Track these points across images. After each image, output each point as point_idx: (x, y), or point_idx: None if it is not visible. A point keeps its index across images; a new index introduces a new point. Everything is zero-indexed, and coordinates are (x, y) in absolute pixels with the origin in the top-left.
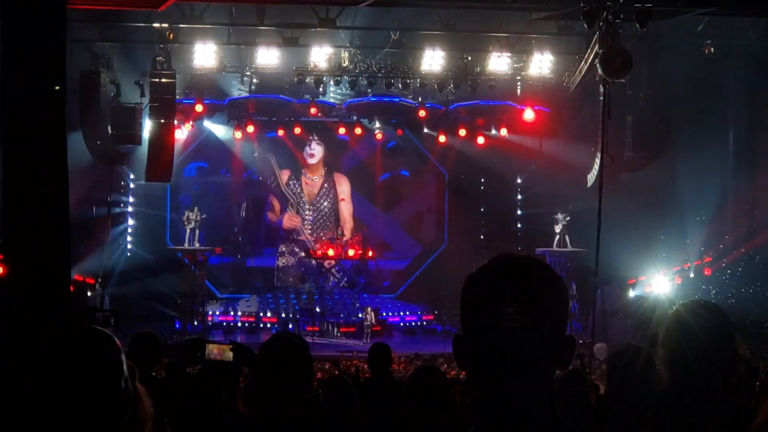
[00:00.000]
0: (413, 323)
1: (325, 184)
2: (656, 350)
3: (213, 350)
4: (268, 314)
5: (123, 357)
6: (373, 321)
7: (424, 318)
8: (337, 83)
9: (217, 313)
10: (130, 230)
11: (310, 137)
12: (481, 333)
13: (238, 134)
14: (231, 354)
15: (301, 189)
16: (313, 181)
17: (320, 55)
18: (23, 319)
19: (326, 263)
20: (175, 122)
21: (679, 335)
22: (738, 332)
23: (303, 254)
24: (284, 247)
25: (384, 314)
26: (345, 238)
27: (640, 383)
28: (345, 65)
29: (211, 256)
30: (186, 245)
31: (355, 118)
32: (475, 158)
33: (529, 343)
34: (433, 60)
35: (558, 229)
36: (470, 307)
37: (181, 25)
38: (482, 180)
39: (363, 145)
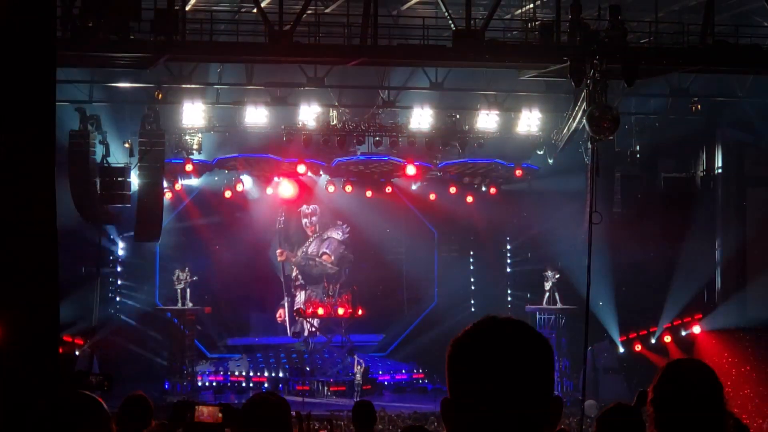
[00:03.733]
0: (403, 382)
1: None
2: (645, 409)
3: (203, 412)
4: (258, 374)
5: (112, 424)
6: (360, 379)
7: (414, 376)
8: (326, 142)
9: (207, 373)
10: (119, 290)
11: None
12: (468, 398)
13: (228, 194)
14: (221, 416)
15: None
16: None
17: (309, 113)
18: (11, 382)
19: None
20: (164, 182)
21: (668, 393)
22: (725, 389)
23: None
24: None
25: (374, 373)
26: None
27: None
28: (333, 124)
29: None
30: (179, 305)
31: (344, 177)
32: (465, 216)
33: (517, 407)
34: (421, 118)
35: (548, 286)
36: (456, 373)
37: (169, 85)
38: (471, 238)
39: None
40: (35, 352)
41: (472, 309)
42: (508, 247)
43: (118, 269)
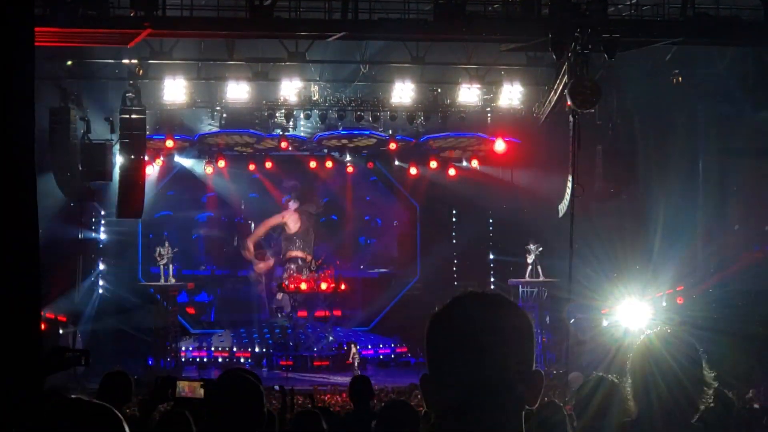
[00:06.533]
0: (387, 356)
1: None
2: (624, 380)
3: (184, 388)
4: (242, 349)
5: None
6: (357, 358)
7: (397, 350)
8: (308, 117)
9: (191, 348)
10: (101, 267)
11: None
12: (447, 373)
13: (209, 169)
14: (202, 391)
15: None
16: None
17: (290, 89)
18: None
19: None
20: (146, 158)
21: (646, 364)
22: (706, 360)
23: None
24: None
25: (358, 347)
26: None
27: (609, 414)
28: (315, 99)
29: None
30: (161, 281)
31: (325, 151)
32: (447, 190)
33: (497, 382)
34: (402, 92)
35: (530, 259)
36: (436, 348)
37: (150, 61)
38: (454, 212)
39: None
40: (16, 328)
41: (455, 283)
42: (491, 220)
43: (101, 246)
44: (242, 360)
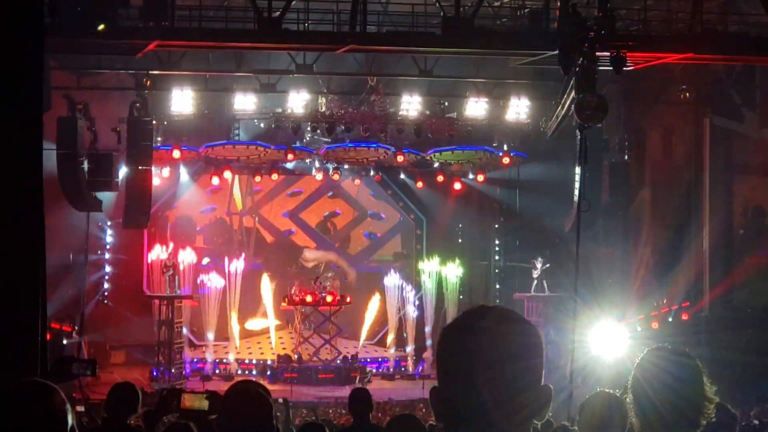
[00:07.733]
0: (391, 369)
1: None
2: (627, 396)
3: (189, 399)
4: (246, 361)
5: (67, 407)
6: (368, 377)
7: (401, 364)
8: (315, 129)
9: (195, 360)
10: (107, 277)
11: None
12: (458, 387)
13: (215, 180)
14: (206, 402)
15: None
16: None
17: (297, 101)
18: None
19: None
20: (153, 169)
21: (647, 381)
22: (706, 375)
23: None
24: None
25: (362, 360)
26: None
27: (612, 430)
28: (322, 111)
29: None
30: (167, 292)
31: (332, 164)
32: (453, 203)
33: (506, 396)
34: (410, 105)
35: (536, 274)
36: (446, 362)
37: (158, 72)
38: (460, 225)
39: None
40: (22, 338)
41: (461, 296)
42: (496, 234)
43: (106, 256)
44: (246, 372)
